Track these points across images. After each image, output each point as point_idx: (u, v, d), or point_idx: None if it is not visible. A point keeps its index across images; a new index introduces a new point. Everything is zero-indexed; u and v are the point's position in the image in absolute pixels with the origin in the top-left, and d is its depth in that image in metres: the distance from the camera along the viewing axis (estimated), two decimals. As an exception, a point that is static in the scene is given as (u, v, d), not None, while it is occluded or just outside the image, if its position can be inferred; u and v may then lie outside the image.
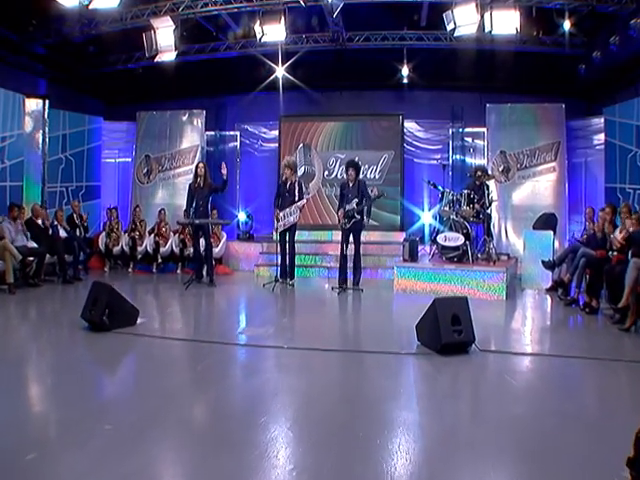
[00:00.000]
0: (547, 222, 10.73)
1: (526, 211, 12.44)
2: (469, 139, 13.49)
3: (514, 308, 8.68)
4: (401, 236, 12.49)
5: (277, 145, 13.79)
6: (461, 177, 12.84)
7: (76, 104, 13.66)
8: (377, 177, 13.17)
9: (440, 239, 9.54)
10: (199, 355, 5.57)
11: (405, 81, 13.00)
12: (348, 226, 9.57)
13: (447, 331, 5.34)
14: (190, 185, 10.26)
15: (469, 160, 13.37)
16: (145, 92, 14.30)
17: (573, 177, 12.92)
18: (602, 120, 12.18)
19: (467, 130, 13.46)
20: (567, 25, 10.81)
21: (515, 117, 12.86)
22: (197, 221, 9.86)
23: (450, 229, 9.54)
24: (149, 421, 3.82)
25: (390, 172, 13.18)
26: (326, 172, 13.46)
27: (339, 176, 13.20)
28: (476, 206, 9.70)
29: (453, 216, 9.62)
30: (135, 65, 13.16)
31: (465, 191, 9.78)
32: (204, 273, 10.23)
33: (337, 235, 12.31)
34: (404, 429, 3.70)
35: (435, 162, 13.46)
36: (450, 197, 9.82)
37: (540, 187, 12.66)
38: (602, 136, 12.23)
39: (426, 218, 12.79)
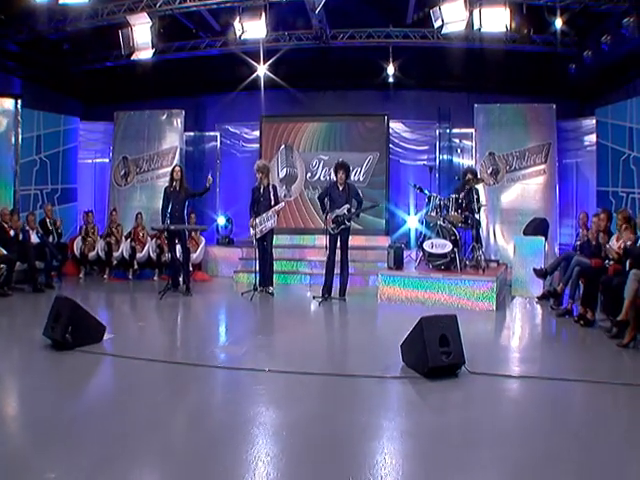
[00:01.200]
0: (538, 227, 10.35)
1: (515, 215, 12.10)
2: (457, 140, 13.12)
3: (505, 320, 8.29)
4: (386, 241, 12.12)
5: (259, 146, 13.35)
6: (448, 179, 12.47)
7: (53, 104, 13.14)
8: (362, 179, 12.76)
9: (427, 246, 9.13)
10: (167, 379, 5.11)
11: (391, 80, 12.59)
12: (336, 232, 9.14)
13: (435, 353, 4.92)
14: (165, 189, 9.79)
15: (457, 160, 13.02)
16: (124, 92, 13.85)
17: (563, 180, 12.60)
18: (593, 122, 11.87)
19: (455, 131, 13.11)
20: (559, 23, 10.45)
21: (504, 118, 12.47)
22: (172, 227, 9.39)
23: (437, 235, 9.14)
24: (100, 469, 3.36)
25: (375, 174, 12.80)
26: (309, 174, 13.05)
27: (322, 178, 12.82)
28: (464, 212, 9.29)
29: (440, 222, 9.21)
30: (114, 64, 12.70)
31: (453, 195, 9.37)
32: (181, 281, 9.76)
33: (320, 240, 11.92)
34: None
35: (422, 162, 13.05)
36: (437, 202, 9.39)
37: (530, 190, 12.29)
38: (593, 138, 11.93)
39: (412, 222, 12.34)
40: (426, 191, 9.99)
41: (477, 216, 9.70)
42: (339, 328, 7.76)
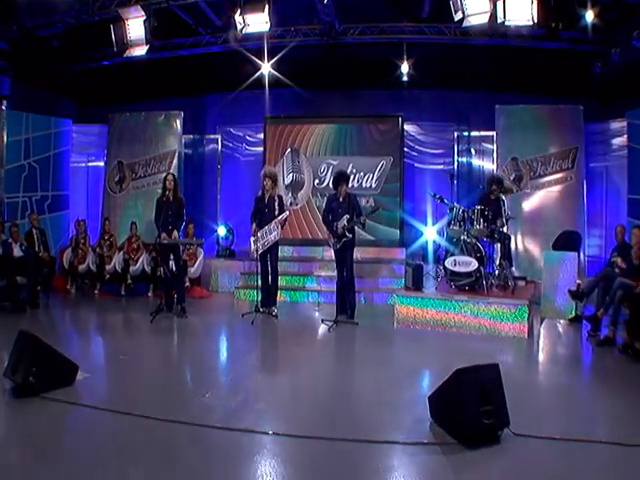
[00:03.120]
0: (570, 241, 9.42)
1: (539, 225, 11.19)
2: (476, 144, 12.16)
3: (540, 351, 7.26)
4: (400, 252, 11.30)
5: (261, 150, 12.48)
6: (468, 187, 11.53)
7: (45, 105, 12.34)
8: (374, 186, 11.88)
9: (449, 264, 8.17)
10: (143, 442, 4.16)
11: (405, 79, 11.62)
12: (339, 246, 8.27)
13: (472, 414, 3.99)
14: (158, 200, 8.87)
15: (477, 165, 12.11)
16: (120, 92, 13.00)
17: (591, 186, 11.63)
18: (623, 124, 10.95)
19: (474, 134, 12.16)
20: (590, 16, 9.49)
21: (527, 120, 11.56)
22: (165, 241, 8.48)
23: (461, 251, 8.18)
24: None
25: (388, 181, 11.90)
26: (317, 180, 12.17)
27: (331, 185, 11.82)
28: (491, 224, 8.36)
29: (464, 236, 8.27)
30: (109, 62, 11.82)
31: (478, 207, 8.42)
32: (175, 300, 8.86)
33: (328, 252, 11.07)
34: None
35: (438, 167, 12.22)
36: (460, 213, 8.45)
37: (555, 198, 11.39)
38: (623, 141, 11.08)
39: (430, 234, 11.32)
40: (447, 201, 9.06)
41: (504, 229, 8.76)
42: (352, 366, 6.61)
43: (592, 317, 7.60)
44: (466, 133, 12.17)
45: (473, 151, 12.17)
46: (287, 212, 8.75)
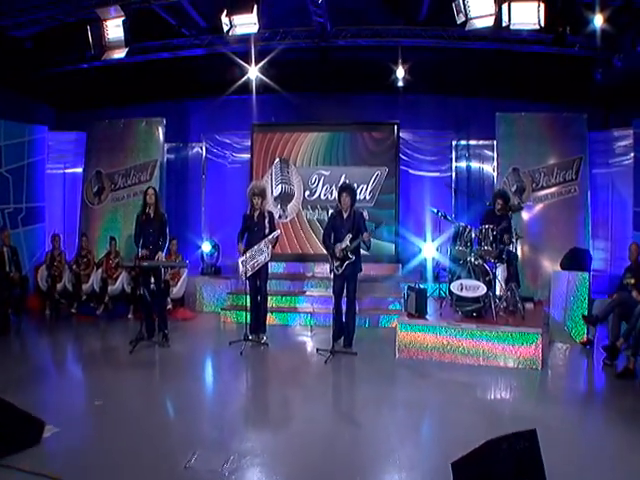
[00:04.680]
0: (578, 260, 8.80)
1: (542, 239, 10.61)
2: (476, 153, 11.61)
3: (558, 389, 6.63)
4: (396, 269, 10.66)
5: (249, 158, 11.82)
6: (467, 200, 10.93)
7: (19, 110, 11.58)
8: (368, 198, 11.25)
9: (455, 288, 7.53)
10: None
11: (400, 84, 11.02)
12: (341, 271, 7.56)
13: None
14: (138, 216, 8.15)
15: (477, 176, 11.53)
16: (99, 97, 12.29)
17: (594, 198, 11.07)
18: (630, 133, 10.48)
19: (474, 142, 11.56)
20: (598, 21, 8.94)
21: (529, 128, 10.97)
22: (145, 263, 7.78)
23: (468, 274, 7.54)
24: None
25: (383, 192, 11.29)
26: (307, 192, 11.50)
27: (322, 196, 11.29)
28: (499, 245, 7.76)
29: (472, 258, 7.65)
30: (87, 65, 11.11)
31: (485, 226, 7.79)
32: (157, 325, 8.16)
33: (320, 268, 10.50)
34: None
35: (434, 174, 11.66)
36: (467, 233, 7.82)
37: (559, 210, 10.78)
38: (628, 151, 10.64)
39: (428, 250, 10.66)
40: (451, 219, 8.50)
41: (512, 248, 8.17)
42: (354, 413, 5.73)
43: (610, 347, 7.03)
44: (465, 142, 11.55)
45: (473, 162, 11.57)
46: (278, 231, 8.07)
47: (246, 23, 8.83)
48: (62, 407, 5.48)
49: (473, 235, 7.80)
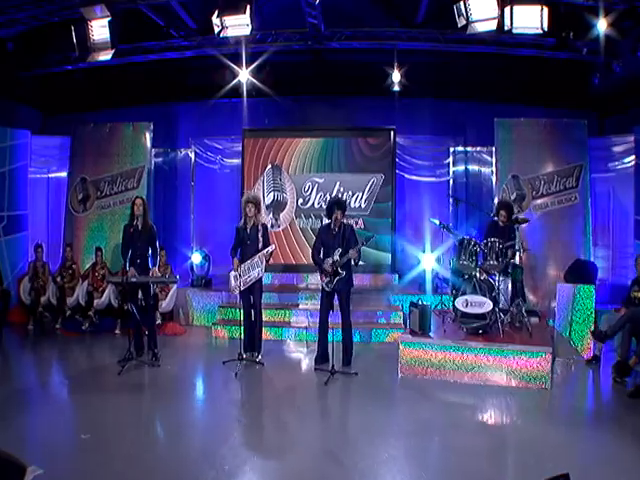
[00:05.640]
0: (583, 273, 8.54)
1: (543, 248, 10.32)
2: (475, 160, 11.30)
3: (571, 411, 6.29)
4: (393, 280, 10.37)
5: (240, 164, 11.45)
6: (466, 208, 10.62)
7: (2, 114, 11.05)
8: (363, 206, 10.94)
9: (460, 304, 7.22)
10: None
11: (396, 88, 10.68)
12: (331, 287, 7.24)
13: None
14: (125, 228, 7.76)
15: (476, 183, 11.23)
16: (84, 100, 11.90)
17: (595, 205, 10.85)
18: (631, 139, 10.30)
19: (471, 149, 11.27)
20: (602, 26, 8.68)
21: (528, 135, 10.69)
22: (134, 279, 7.40)
23: (473, 289, 7.23)
24: None
25: (379, 200, 10.97)
26: (300, 200, 11.14)
27: (316, 205, 10.94)
28: (505, 259, 7.47)
29: (477, 273, 7.34)
30: (72, 67, 10.70)
31: (491, 239, 7.49)
32: (145, 342, 7.79)
33: (314, 278, 10.19)
34: None
35: (431, 179, 11.35)
36: (472, 247, 7.51)
37: (559, 219, 10.52)
38: (628, 157, 10.47)
39: (427, 262, 10.29)
40: (455, 232, 8.26)
41: (517, 261, 7.88)
42: (360, 445, 5.12)
43: (621, 365, 6.77)
44: (463, 147, 11.25)
45: (471, 168, 11.27)
46: (273, 246, 7.72)
47: (238, 24, 8.47)
48: (46, 442, 5.11)
49: (478, 249, 7.50)
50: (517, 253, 7.88)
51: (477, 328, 7.14)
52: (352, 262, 7.24)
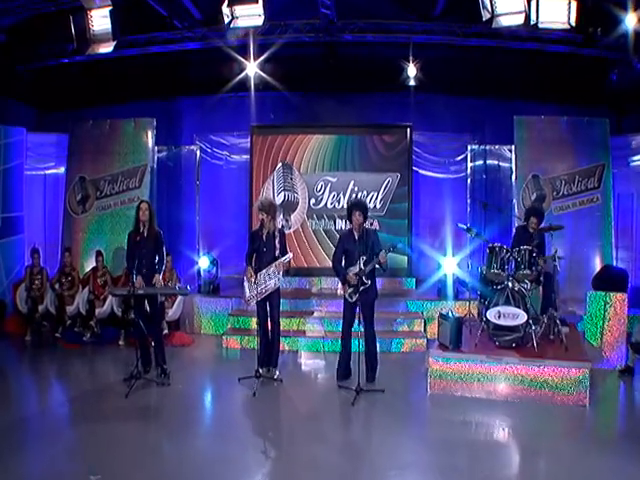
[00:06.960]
0: (614, 280, 8.11)
1: (565, 251, 9.87)
2: (495, 157, 10.87)
3: (610, 428, 5.95)
4: (410, 284, 10.03)
5: (248, 160, 11.02)
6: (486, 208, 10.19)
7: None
8: (378, 207, 10.54)
9: (492, 316, 6.77)
10: None
11: (412, 83, 10.28)
12: (355, 298, 6.77)
13: None
14: (130, 235, 7.21)
15: (497, 183, 10.82)
16: (83, 95, 11.35)
17: (617, 205, 10.50)
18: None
19: (490, 147, 10.82)
20: (631, 21, 8.31)
21: (549, 133, 10.32)
22: (141, 291, 6.88)
23: (507, 300, 6.78)
24: None
25: (395, 200, 10.59)
26: (313, 200, 10.71)
27: (329, 205, 10.52)
28: (537, 267, 7.05)
29: (510, 283, 6.90)
30: (69, 60, 10.30)
31: (524, 247, 7.05)
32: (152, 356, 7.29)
33: (328, 283, 9.74)
34: None
35: (450, 176, 11.01)
36: (504, 255, 7.06)
37: (581, 220, 10.16)
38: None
39: (449, 267, 9.70)
40: (484, 237, 7.82)
41: (550, 270, 7.44)
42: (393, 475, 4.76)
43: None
44: (482, 146, 10.80)
45: (490, 167, 10.83)
46: (291, 254, 7.21)
47: (250, 14, 8.11)
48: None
49: (509, 256, 7.07)
50: (551, 262, 7.41)
51: (511, 341, 6.71)
52: (379, 267, 6.74)
